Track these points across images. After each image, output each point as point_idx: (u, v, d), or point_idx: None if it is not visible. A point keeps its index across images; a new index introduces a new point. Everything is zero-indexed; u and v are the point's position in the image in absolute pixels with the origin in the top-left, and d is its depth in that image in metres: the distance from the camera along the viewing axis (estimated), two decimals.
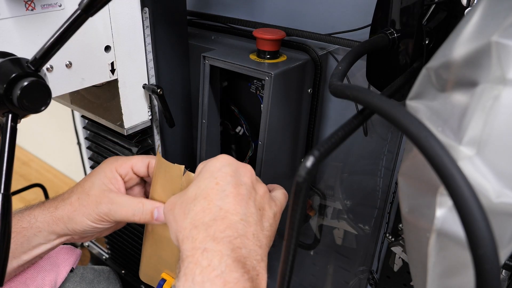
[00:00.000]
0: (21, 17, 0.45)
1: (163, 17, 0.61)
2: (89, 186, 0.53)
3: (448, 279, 0.30)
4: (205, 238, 0.38)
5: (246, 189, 0.44)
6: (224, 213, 0.40)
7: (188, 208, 0.42)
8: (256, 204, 0.44)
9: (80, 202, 0.52)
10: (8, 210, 0.37)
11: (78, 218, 0.51)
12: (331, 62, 0.68)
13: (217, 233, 0.39)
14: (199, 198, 0.42)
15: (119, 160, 0.55)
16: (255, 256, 0.39)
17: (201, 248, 0.38)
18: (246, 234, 0.40)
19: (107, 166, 0.54)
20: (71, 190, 0.54)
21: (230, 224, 0.39)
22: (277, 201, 0.48)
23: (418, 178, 0.31)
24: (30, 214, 0.53)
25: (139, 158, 0.55)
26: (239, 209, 0.41)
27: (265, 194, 0.46)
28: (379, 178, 0.72)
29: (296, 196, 0.24)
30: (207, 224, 0.39)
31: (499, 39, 0.27)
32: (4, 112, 0.39)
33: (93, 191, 0.52)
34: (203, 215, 0.40)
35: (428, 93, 0.33)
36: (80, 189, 0.53)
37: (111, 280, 0.73)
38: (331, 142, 0.26)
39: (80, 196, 0.52)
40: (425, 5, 0.46)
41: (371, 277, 0.79)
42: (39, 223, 0.52)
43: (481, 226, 0.18)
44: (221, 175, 0.44)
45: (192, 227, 0.40)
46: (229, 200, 0.41)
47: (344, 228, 0.80)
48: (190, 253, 0.38)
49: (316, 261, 0.89)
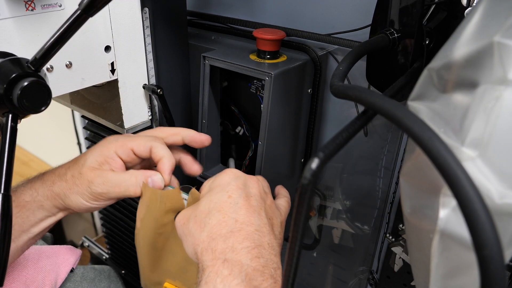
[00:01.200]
0: (21, 17, 0.45)
1: (163, 17, 0.61)
2: (82, 163, 0.51)
3: (451, 280, 0.30)
4: (225, 250, 0.40)
5: (256, 200, 0.46)
6: (240, 225, 0.42)
7: (204, 222, 0.43)
8: (267, 214, 0.46)
9: (73, 181, 0.51)
10: (8, 210, 0.37)
11: (72, 196, 0.50)
12: (331, 62, 0.68)
13: (235, 244, 0.40)
14: (213, 211, 0.44)
15: (119, 140, 0.53)
16: (272, 265, 0.41)
17: (222, 258, 0.39)
18: (262, 244, 0.42)
19: (106, 145, 0.52)
20: (67, 165, 0.53)
21: (247, 235, 0.41)
22: (282, 210, 0.50)
23: (421, 178, 0.31)
24: (31, 187, 0.52)
25: (141, 141, 0.53)
26: (253, 220, 0.43)
27: (272, 204, 0.49)
28: (379, 178, 0.72)
29: (301, 198, 0.24)
30: (224, 236, 0.41)
31: (501, 39, 0.27)
32: (4, 112, 0.39)
33: (84, 169, 0.50)
34: (220, 228, 0.42)
35: (429, 94, 0.33)
36: (74, 166, 0.52)
37: (112, 278, 0.73)
38: (336, 144, 0.26)
39: (73, 174, 0.51)
40: (425, 5, 0.46)
41: (371, 277, 0.79)
42: (40, 196, 0.51)
43: (486, 227, 0.18)
44: (231, 188, 0.46)
45: (210, 240, 0.42)
46: (243, 212, 0.43)
47: (343, 228, 0.80)
48: (210, 263, 0.40)
49: (316, 261, 0.89)
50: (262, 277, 0.39)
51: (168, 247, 0.54)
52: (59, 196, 0.51)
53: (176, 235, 0.50)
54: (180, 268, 0.55)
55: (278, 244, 0.45)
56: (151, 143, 0.52)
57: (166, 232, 0.53)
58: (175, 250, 0.54)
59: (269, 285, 0.38)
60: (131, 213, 0.81)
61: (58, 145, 1.68)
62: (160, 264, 0.56)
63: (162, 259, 0.55)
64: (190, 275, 0.54)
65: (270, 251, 0.42)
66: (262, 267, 0.40)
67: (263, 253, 0.41)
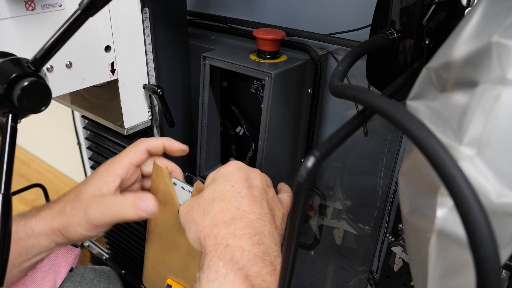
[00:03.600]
0: (21, 17, 0.45)
1: (163, 17, 0.61)
2: (82, 192, 0.51)
3: (448, 280, 0.30)
4: (227, 235, 0.41)
5: (258, 191, 0.47)
6: (242, 213, 0.43)
7: (207, 209, 0.44)
8: (268, 205, 0.47)
9: (71, 212, 0.50)
10: (8, 210, 0.37)
11: (71, 228, 0.50)
12: (331, 62, 0.68)
13: (237, 230, 0.41)
14: (216, 200, 0.45)
15: (115, 161, 0.53)
16: (272, 252, 0.42)
17: (224, 244, 0.41)
18: (263, 232, 0.43)
19: (105, 170, 0.52)
20: (66, 198, 0.52)
21: (248, 222, 0.42)
22: (284, 203, 0.51)
23: (419, 178, 0.31)
24: (26, 224, 0.51)
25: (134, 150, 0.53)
26: (255, 209, 0.44)
27: (274, 196, 0.50)
28: (379, 178, 0.72)
29: (297, 196, 0.24)
30: (227, 223, 0.42)
31: (500, 39, 0.27)
32: (4, 112, 0.39)
33: (84, 197, 0.50)
34: (223, 215, 0.43)
35: (428, 93, 0.33)
36: (73, 197, 0.52)
37: (111, 279, 0.73)
38: (332, 143, 0.26)
39: (73, 205, 0.51)
40: (425, 5, 0.46)
41: (371, 277, 0.79)
42: (36, 234, 0.50)
43: (482, 226, 0.18)
44: (235, 178, 0.47)
45: (212, 226, 0.43)
46: (245, 201, 0.44)
47: (344, 228, 0.80)
48: (213, 248, 0.41)
49: (316, 261, 0.89)
50: (262, 263, 0.40)
51: (172, 241, 0.55)
52: (58, 230, 0.51)
53: (179, 228, 0.50)
54: (183, 264, 0.55)
55: (279, 234, 0.45)
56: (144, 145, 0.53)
57: (170, 224, 0.54)
58: (179, 244, 0.54)
59: (269, 271, 0.39)
60: None
61: (58, 145, 1.68)
62: (164, 258, 0.57)
63: (165, 254, 0.56)
64: (192, 272, 0.55)
65: (270, 239, 0.43)
66: (263, 253, 0.40)
67: (264, 240, 0.42)
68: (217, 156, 0.74)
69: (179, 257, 0.55)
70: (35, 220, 0.51)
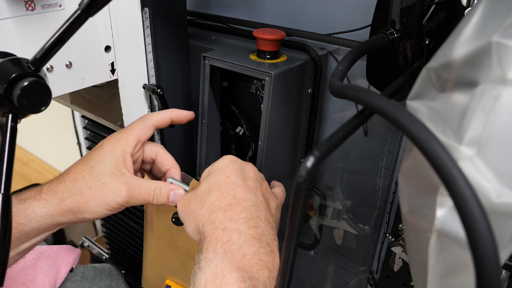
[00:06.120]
0: (21, 17, 0.45)
1: (163, 17, 0.61)
2: (100, 173, 0.50)
3: (448, 280, 0.30)
4: (223, 220, 0.43)
5: (252, 181, 0.49)
6: (238, 200, 0.45)
7: (204, 199, 0.46)
8: (263, 194, 0.49)
9: (94, 192, 0.49)
10: (8, 210, 0.37)
11: (93, 208, 0.50)
12: (331, 62, 0.68)
13: (233, 215, 0.43)
14: (212, 190, 0.47)
15: (123, 137, 0.52)
16: (269, 235, 0.44)
17: (221, 227, 0.43)
18: (259, 217, 0.44)
19: (114, 147, 0.52)
20: (73, 178, 0.51)
21: (244, 208, 0.44)
22: (277, 195, 0.53)
23: (419, 178, 0.31)
24: (26, 209, 0.49)
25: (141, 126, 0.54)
26: (250, 196, 0.46)
27: (268, 188, 0.52)
28: (379, 178, 0.72)
29: (297, 196, 0.24)
30: (223, 209, 0.44)
31: (500, 39, 0.27)
32: (4, 112, 0.39)
33: (106, 179, 0.50)
34: (219, 202, 0.45)
35: (428, 93, 0.33)
36: (88, 177, 0.50)
37: (113, 276, 0.73)
38: (331, 142, 0.26)
39: (92, 185, 0.50)
40: (425, 5, 0.46)
41: (371, 277, 0.79)
42: (39, 217, 0.49)
43: (482, 226, 0.18)
44: (229, 170, 0.49)
45: (210, 213, 0.45)
46: (240, 190, 0.46)
47: (344, 228, 0.80)
48: (211, 232, 0.43)
49: (316, 261, 0.89)
50: (259, 244, 0.41)
51: (170, 241, 0.55)
52: (70, 211, 0.50)
53: (177, 228, 0.51)
54: (181, 263, 0.55)
55: (274, 221, 0.48)
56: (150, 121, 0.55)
57: (168, 224, 0.54)
58: (177, 244, 0.54)
59: (266, 251, 0.41)
60: (131, 213, 0.81)
61: (58, 145, 1.68)
62: (162, 259, 0.57)
63: (164, 254, 0.56)
64: (190, 271, 0.55)
65: (266, 224, 0.45)
66: (259, 235, 0.42)
67: (260, 224, 0.44)
68: (217, 156, 0.74)
69: (177, 256, 0.55)
70: (38, 204, 0.50)
